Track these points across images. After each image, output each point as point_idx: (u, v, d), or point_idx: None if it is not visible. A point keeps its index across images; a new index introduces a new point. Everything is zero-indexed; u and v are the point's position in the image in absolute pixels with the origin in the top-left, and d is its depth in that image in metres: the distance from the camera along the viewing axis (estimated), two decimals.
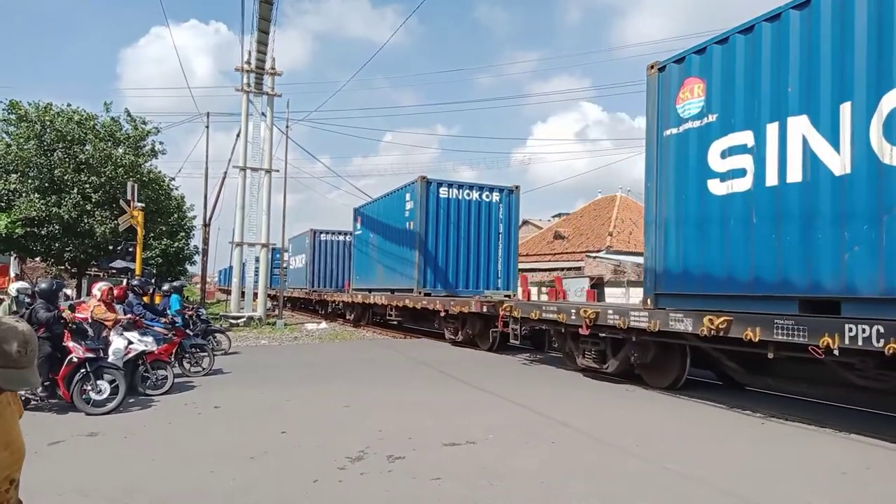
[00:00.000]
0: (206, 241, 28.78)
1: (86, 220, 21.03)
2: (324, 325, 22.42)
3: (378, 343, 16.80)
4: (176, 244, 38.87)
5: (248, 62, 22.00)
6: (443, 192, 16.91)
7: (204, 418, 7.02)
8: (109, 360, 7.86)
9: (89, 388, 7.11)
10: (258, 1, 19.84)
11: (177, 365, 8.79)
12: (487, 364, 12.26)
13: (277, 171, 23.71)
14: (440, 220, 16.80)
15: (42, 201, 20.12)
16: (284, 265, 33.19)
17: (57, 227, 20.66)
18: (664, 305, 8.33)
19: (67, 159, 20.98)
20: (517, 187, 17.74)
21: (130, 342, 8.29)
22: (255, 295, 23.22)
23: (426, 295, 16.39)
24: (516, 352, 14.10)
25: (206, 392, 8.59)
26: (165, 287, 12.86)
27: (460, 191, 17.10)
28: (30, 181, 20.45)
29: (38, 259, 25.98)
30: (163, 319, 9.61)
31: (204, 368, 10.05)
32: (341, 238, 29.68)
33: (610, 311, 8.99)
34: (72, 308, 8.36)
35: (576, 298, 19.52)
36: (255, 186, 22.53)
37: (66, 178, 20.59)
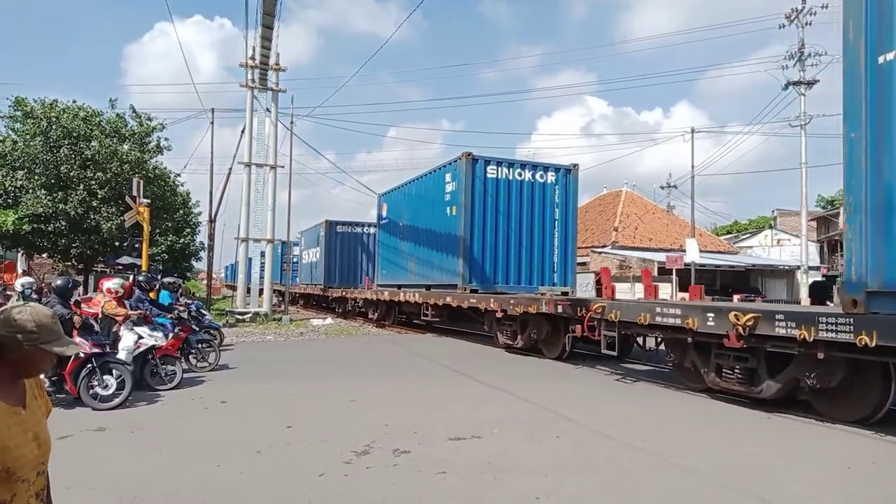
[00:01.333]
0: (211, 237, 28.89)
1: (92, 217, 21.10)
2: (329, 320, 22.47)
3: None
4: (182, 240, 39.04)
5: (253, 58, 21.99)
6: (490, 171, 14.31)
7: (210, 413, 7.06)
8: (120, 355, 7.97)
9: (96, 383, 7.16)
10: None
11: (183, 360, 8.85)
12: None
13: (282, 166, 23.77)
14: (487, 204, 14.32)
15: (48, 198, 20.18)
16: (293, 259, 32.96)
17: (63, 224, 20.73)
18: (879, 309, 5.76)
19: (73, 156, 21.04)
20: (575, 166, 15.26)
21: (141, 337, 8.37)
22: (261, 291, 23.27)
23: (472, 292, 14.00)
24: (592, 361, 11.36)
25: (212, 387, 8.63)
26: (168, 280, 12.93)
27: (511, 170, 14.53)
28: (36, 178, 20.51)
29: (44, 255, 26.08)
30: (168, 315, 9.65)
31: (210, 363, 10.10)
32: (359, 230, 27.19)
33: (779, 317, 6.58)
34: (78, 304, 8.40)
35: (582, 294, 17.42)
36: (259, 182, 22.55)
37: (72, 174, 20.65)
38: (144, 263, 17.17)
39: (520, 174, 14.60)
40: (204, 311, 12.79)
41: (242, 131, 22.93)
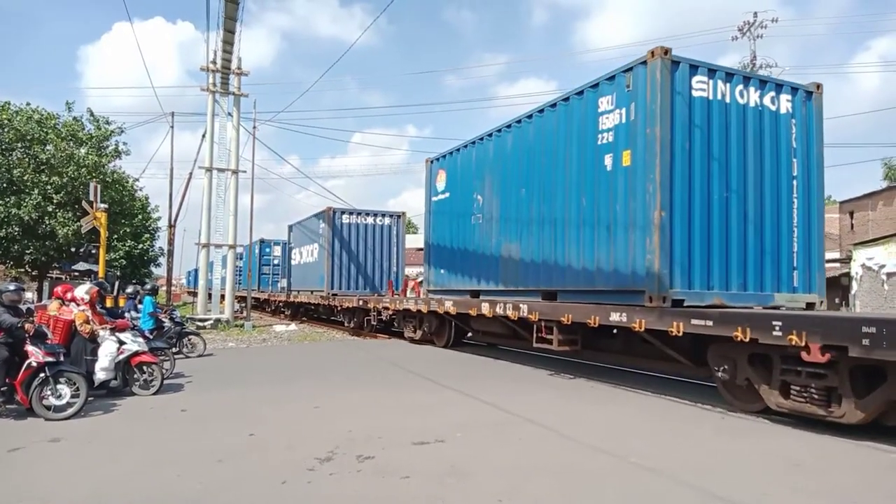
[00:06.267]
0: (171, 243, 28.38)
1: (47, 222, 20.58)
2: (293, 326, 22.25)
3: (351, 345, 16.68)
4: (140, 246, 38.26)
5: (214, 62, 21.74)
6: (699, 85, 8.25)
7: (170, 422, 6.93)
8: (102, 362, 8.00)
9: (49, 392, 6.96)
10: (224, 0, 19.62)
11: (136, 371, 8.67)
12: None
13: (244, 171, 23.49)
14: (694, 146, 8.19)
15: (0, 202, 19.58)
16: (274, 260, 32.02)
17: (16, 229, 20.18)
18: None
19: (27, 159, 20.52)
20: (819, 86, 9.20)
21: (123, 342, 8.31)
22: (223, 297, 22.91)
23: (677, 304, 7.82)
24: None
25: (171, 395, 8.47)
26: (130, 289, 12.66)
27: (728, 85, 8.46)
28: None
29: None
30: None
31: (166, 371, 9.91)
32: (371, 221, 20.80)
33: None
34: (31, 312, 8.18)
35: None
36: (221, 187, 22.26)
37: (25, 178, 20.13)
38: (101, 270, 16.76)
39: (741, 94, 8.55)
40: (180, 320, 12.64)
41: (203, 136, 22.63)
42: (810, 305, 8.83)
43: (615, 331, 9.41)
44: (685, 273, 8.07)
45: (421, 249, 17.32)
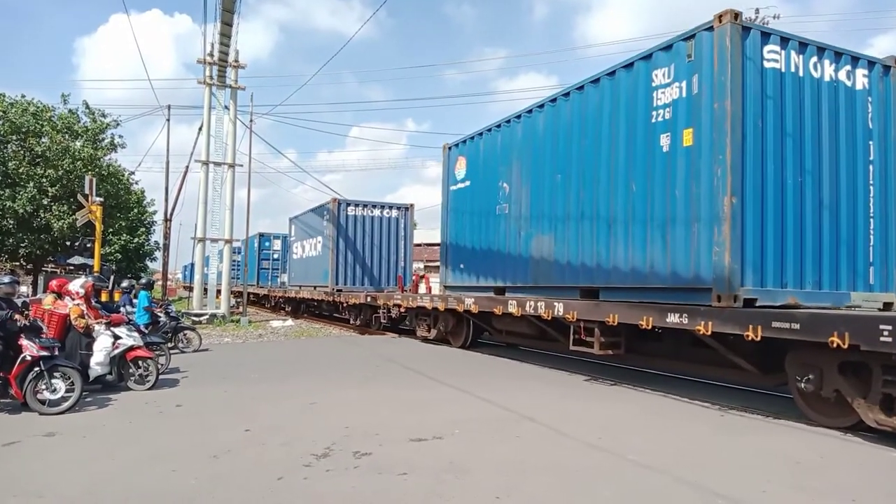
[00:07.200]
0: (167, 237, 28.25)
1: (42, 215, 20.49)
2: (289, 322, 22.19)
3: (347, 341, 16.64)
4: (136, 240, 38.13)
5: (211, 54, 21.59)
6: (770, 55, 7.28)
7: (165, 417, 6.89)
8: (97, 357, 7.95)
9: (44, 387, 6.91)
10: None
11: (131, 366, 8.63)
12: None
13: (241, 165, 23.37)
14: (766, 123, 7.23)
15: None
16: (273, 255, 31.69)
17: (11, 222, 20.08)
18: None
19: (22, 152, 20.41)
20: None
21: (118, 337, 8.26)
22: (219, 291, 22.84)
23: (749, 304, 6.90)
24: None
25: (167, 390, 8.43)
26: (125, 283, 12.59)
27: (801, 56, 7.54)
28: None
29: None
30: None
31: (162, 365, 9.86)
32: (377, 213, 20.11)
33: None
34: (26, 306, 8.12)
35: None
36: (217, 181, 22.13)
37: (20, 171, 20.02)
38: (97, 264, 16.68)
39: (815, 67, 7.61)
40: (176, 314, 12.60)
41: (200, 129, 22.50)
42: (888, 305, 7.81)
43: (658, 330, 8.20)
44: (757, 269, 7.06)
45: (424, 245, 16.79)
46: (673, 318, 7.37)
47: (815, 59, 7.63)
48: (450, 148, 14.18)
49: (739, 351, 7.32)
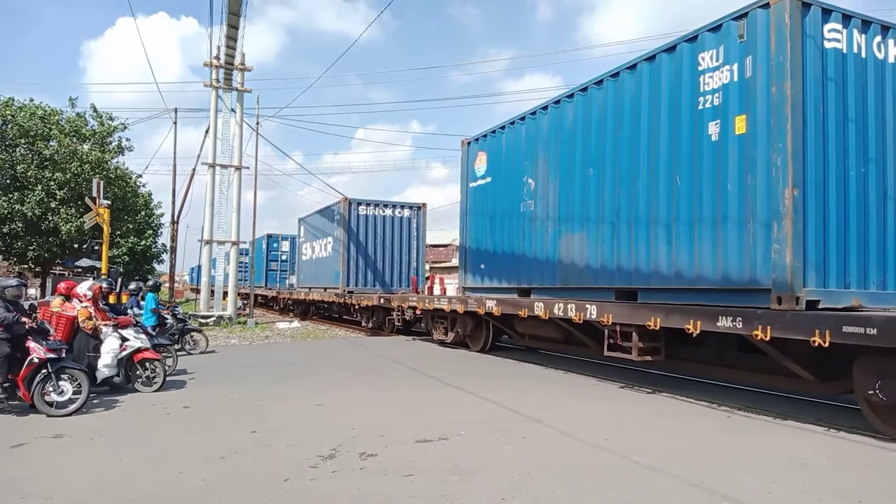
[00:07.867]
0: (174, 239, 28.36)
1: (50, 218, 20.60)
2: (296, 323, 22.24)
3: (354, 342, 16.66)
4: (143, 242, 38.31)
5: (217, 57, 21.70)
6: (831, 35, 6.74)
7: (172, 418, 6.92)
8: (105, 359, 8.01)
9: (51, 389, 6.95)
10: None
11: (139, 368, 8.68)
12: None
13: (248, 167, 23.48)
14: (828, 109, 6.67)
15: (4, 198, 19.62)
16: (282, 256, 31.68)
17: (20, 225, 20.21)
18: None
19: (31, 155, 20.53)
20: None
21: (126, 339, 8.32)
22: (226, 293, 22.92)
23: (812, 307, 6.27)
24: None
25: (174, 392, 8.46)
26: (132, 286, 12.66)
27: (862, 36, 6.98)
28: None
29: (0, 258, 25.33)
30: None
31: (169, 367, 9.90)
32: (389, 212, 19.59)
33: None
34: (34, 308, 8.18)
35: None
36: (224, 183, 22.24)
37: (29, 174, 20.15)
38: (104, 266, 16.77)
39: (879, 48, 7.08)
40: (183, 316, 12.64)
41: (206, 131, 22.61)
42: None
43: (695, 334, 7.26)
44: (819, 268, 6.42)
45: (430, 246, 16.46)
46: (725, 323, 6.69)
47: (878, 38, 7.02)
48: (469, 143, 13.53)
49: (796, 357, 6.73)
